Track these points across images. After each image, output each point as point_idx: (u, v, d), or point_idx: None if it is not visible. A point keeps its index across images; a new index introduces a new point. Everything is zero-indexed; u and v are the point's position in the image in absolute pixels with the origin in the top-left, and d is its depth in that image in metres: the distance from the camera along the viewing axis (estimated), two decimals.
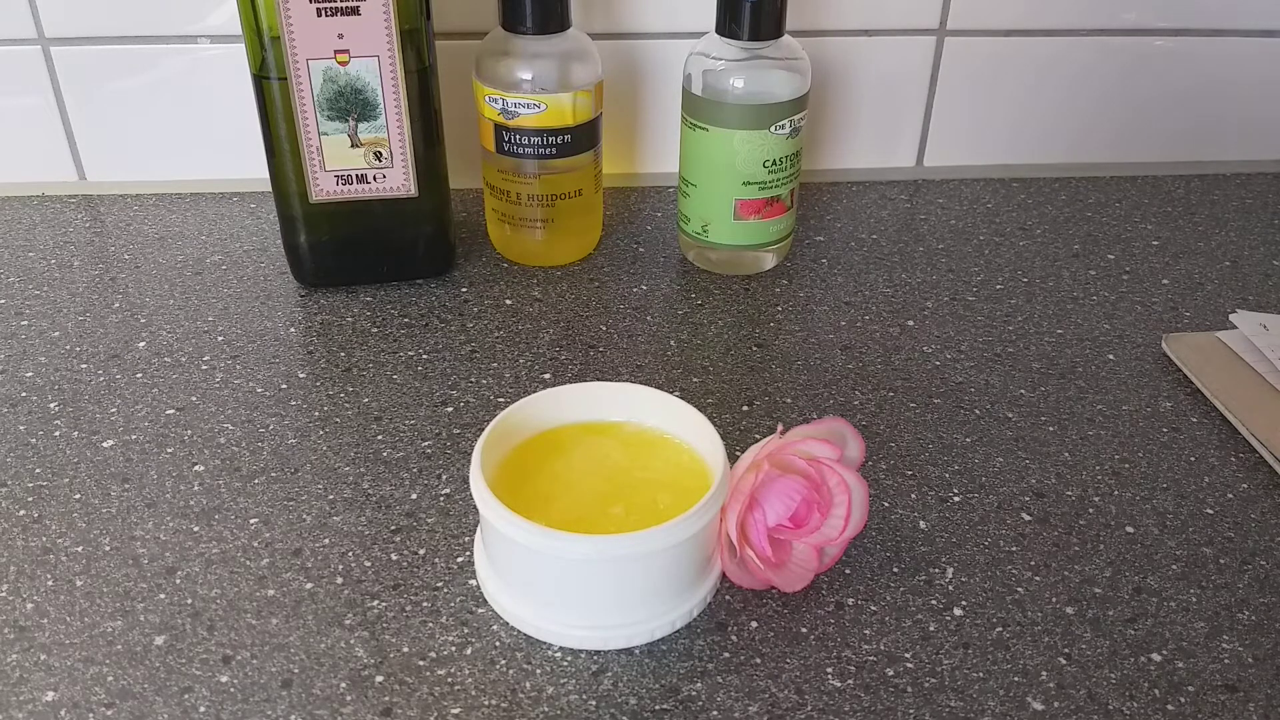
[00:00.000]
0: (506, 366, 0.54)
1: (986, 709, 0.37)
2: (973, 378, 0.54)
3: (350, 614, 0.40)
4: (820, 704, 0.37)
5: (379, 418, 0.50)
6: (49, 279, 0.61)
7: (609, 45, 0.67)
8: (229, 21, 0.65)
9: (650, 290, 0.61)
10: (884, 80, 0.71)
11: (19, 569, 0.42)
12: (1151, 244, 0.67)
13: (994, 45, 0.71)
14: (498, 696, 0.37)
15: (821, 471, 0.40)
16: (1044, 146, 0.75)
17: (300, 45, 0.52)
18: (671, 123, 0.70)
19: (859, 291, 0.61)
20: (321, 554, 0.43)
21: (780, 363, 0.55)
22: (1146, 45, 0.72)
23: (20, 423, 0.50)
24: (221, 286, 0.60)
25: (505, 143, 0.58)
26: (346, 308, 0.59)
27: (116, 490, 0.46)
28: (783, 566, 0.40)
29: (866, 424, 0.50)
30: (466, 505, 0.45)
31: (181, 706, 0.36)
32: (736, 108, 0.57)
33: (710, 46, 0.58)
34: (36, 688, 0.37)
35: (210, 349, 0.55)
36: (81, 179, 0.70)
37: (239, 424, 0.50)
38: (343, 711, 0.36)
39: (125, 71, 0.67)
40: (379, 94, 0.54)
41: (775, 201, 0.60)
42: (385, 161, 0.56)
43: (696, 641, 0.39)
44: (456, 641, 0.39)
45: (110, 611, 0.40)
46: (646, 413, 0.44)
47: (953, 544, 0.44)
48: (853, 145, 0.74)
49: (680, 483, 0.41)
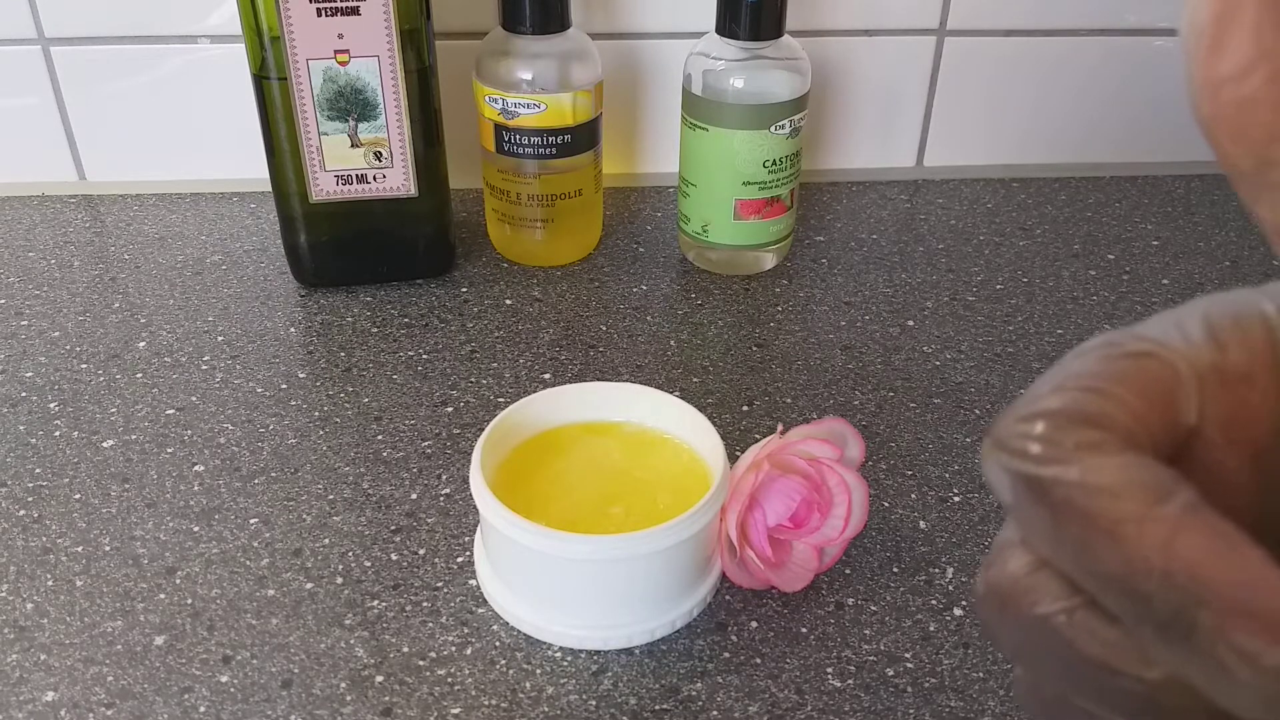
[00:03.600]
0: (506, 366, 0.54)
1: (986, 709, 0.37)
2: (973, 378, 0.54)
3: (350, 614, 0.40)
4: (820, 704, 0.37)
5: (379, 418, 0.50)
6: (49, 279, 0.61)
7: (609, 45, 0.67)
8: (229, 21, 0.65)
9: (650, 290, 0.61)
10: (884, 80, 0.71)
11: (19, 569, 0.42)
12: (1151, 244, 0.67)
13: (994, 45, 0.71)
14: (498, 696, 0.37)
15: (821, 471, 0.40)
16: (1044, 146, 0.75)
17: (300, 45, 0.52)
18: (671, 123, 0.70)
19: (859, 291, 0.61)
20: (321, 554, 0.43)
21: (780, 363, 0.55)
22: (1147, 45, 0.72)
23: (20, 423, 0.50)
24: (221, 286, 0.60)
25: (505, 143, 0.58)
26: (346, 308, 0.59)
27: (116, 490, 0.46)
28: (783, 566, 0.40)
29: (866, 424, 0.50)
30: (466, 505, 0.45)
31: (181, 706, 0.36)
32: (736, 108, 0.57)
33: (710, 46, 0.58)
34: (36, 688, 0.37)
35: (210, 349, 0.55)
36: (81, 179, 0.70)
37: (239, 424, 0.50)
38: (343, 711, 0.36)
39: (125, 71, 0.67)
40: (379, 94, 0.54)
41: (775, 201, 0.60)
42: (385, 161, 0.56)
43: (696, 641, 0.39)
44: (456, 641, 0.39)
45: (110, 611, 0.40)
46: (646, 413, 0.44)
47: (953, 544, 0.44)
48: (853, 145, 0.74)
49: (680, 483, 0.41)
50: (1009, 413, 0.16)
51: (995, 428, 0.16)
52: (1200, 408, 0.16)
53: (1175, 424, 0.16)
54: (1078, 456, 0.15)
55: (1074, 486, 0.15)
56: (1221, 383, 0.16)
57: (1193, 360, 0.16)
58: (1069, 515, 0.15)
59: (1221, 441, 0.16)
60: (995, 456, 0.16)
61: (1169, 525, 0.14)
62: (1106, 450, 0.15)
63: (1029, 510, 0.16)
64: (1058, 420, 0.16)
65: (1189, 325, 0.17)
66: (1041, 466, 0.15)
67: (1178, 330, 0.17)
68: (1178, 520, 0.14)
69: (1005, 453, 0.16)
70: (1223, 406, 0.16)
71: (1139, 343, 0.16)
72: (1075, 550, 0.15)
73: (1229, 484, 0.17)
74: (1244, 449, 0.16)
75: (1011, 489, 0.16)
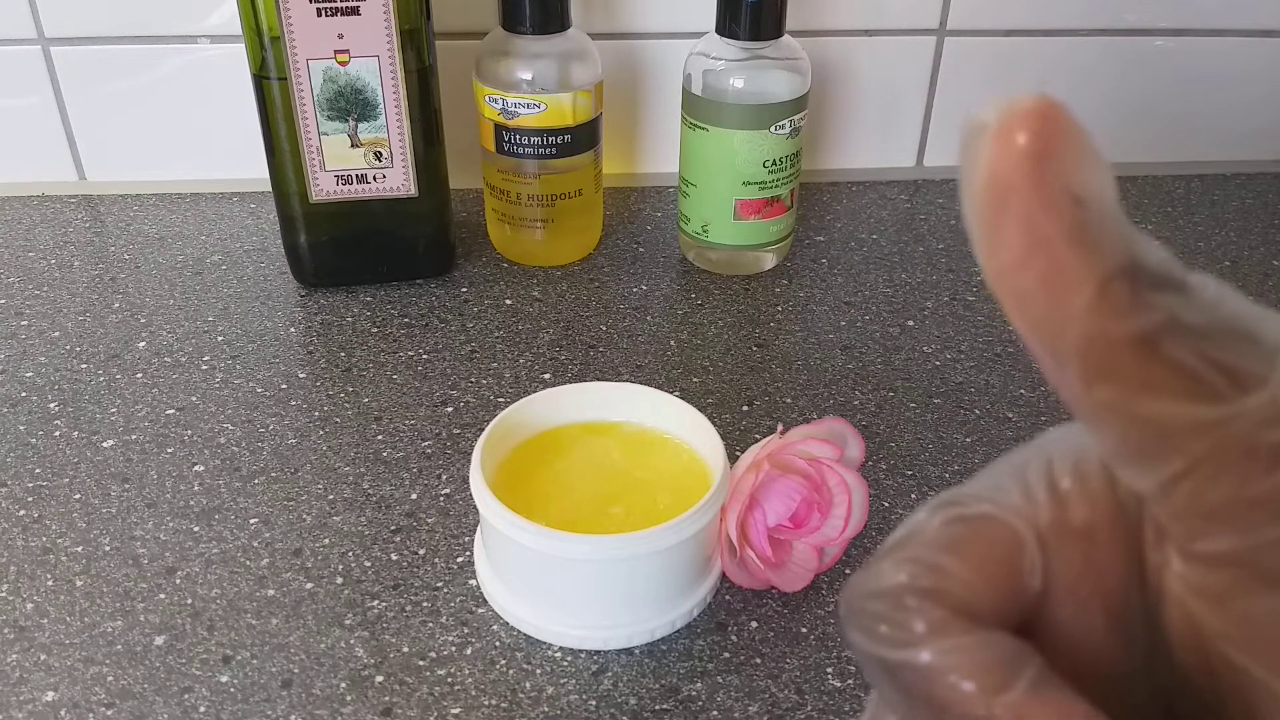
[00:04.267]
0: (506, 366, 0.54)
1: None
2: (973, 378, 0.54)
3: (350, 614, 0.40)
4: (820, 704, 0.37)
5: (379, 418, 0.50)
6: (49, 279, 0.61)
7: (609, 45, 0.67)
8: (229, 21, 0.65)
9: (650, 290, 0.61)
10: (884, 80, 0.71)
11: (19, 569, 0.42)
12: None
13: (994, 45, 0.71)
14: (498, 696, 0.37)
15: (821, 471, 0.40)
16: None
17: (300, 45, 0.52)
18: (671, 123, 0.70)
19: (859, 291, 0.61)
20: (321, 554, 0.43)
21: (780, 363, 0.55)
22: (1147, 45, 0.72)
23: (20, 423, 0.50)
24: (221, 286, 0.60)
25: (505, 143, 0.58)
26: (346, 308, 0.59)
27: (116, 490, 0.46)
28: (783, 566, 0.40)
29: (866, 424, 0.50)
30: (466, 505, 0.45)
31: (181, 706, 0.36)
32: (736, 108, 0.57)
33: (710, 46, 0.58)
34: (36, 688, 0.37)
35: (210, 349, 0.55)
36: (81, 179, 0.70)
37: (239, 424, 0.50)
38: (343, 711, 0.36)
39: (125, 71, 0.67)
40: (379, 94, 0.54)
41: (775, 201, 0.60)
42: (385, 161, 0.56)
43: (696, 641, 0.39)
44: (456, 641, 0.39)
45: (110, 611, 0.40)
46: (646, 413, 0.44)
47: None
48: (853, 145, 0.74)
49: (680, 483, 0.41)
50: (857, 581, 0.16)
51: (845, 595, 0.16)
52: (1045, 570, 0.16)
53: (1020, 590, 0.16)
54: (924, 639, 0.15)
55: (921, 671, 0.15)
56: (1064, 540, 0.16)
57: (1033, 520, 0.16)
58: (918, 699, 0.15)
59: (1070, 602, 0.16)
60: (849, 631, 0.16)
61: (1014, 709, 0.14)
62: (951, 631, 0.15)
63: (881, 686, 0.16)
64: (903, 598, 0.15)
65: (1030, 477, 0.16)
66: (891, 650, 0.15)
67: (1018, 485, 0.16)
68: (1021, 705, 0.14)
69: (858, 632, 0.16)
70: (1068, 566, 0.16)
71: (979, 504, 0.16)
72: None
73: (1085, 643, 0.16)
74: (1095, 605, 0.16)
75: (864, 664, 0.16)
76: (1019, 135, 0.14)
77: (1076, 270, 0.14)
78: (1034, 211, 0.14)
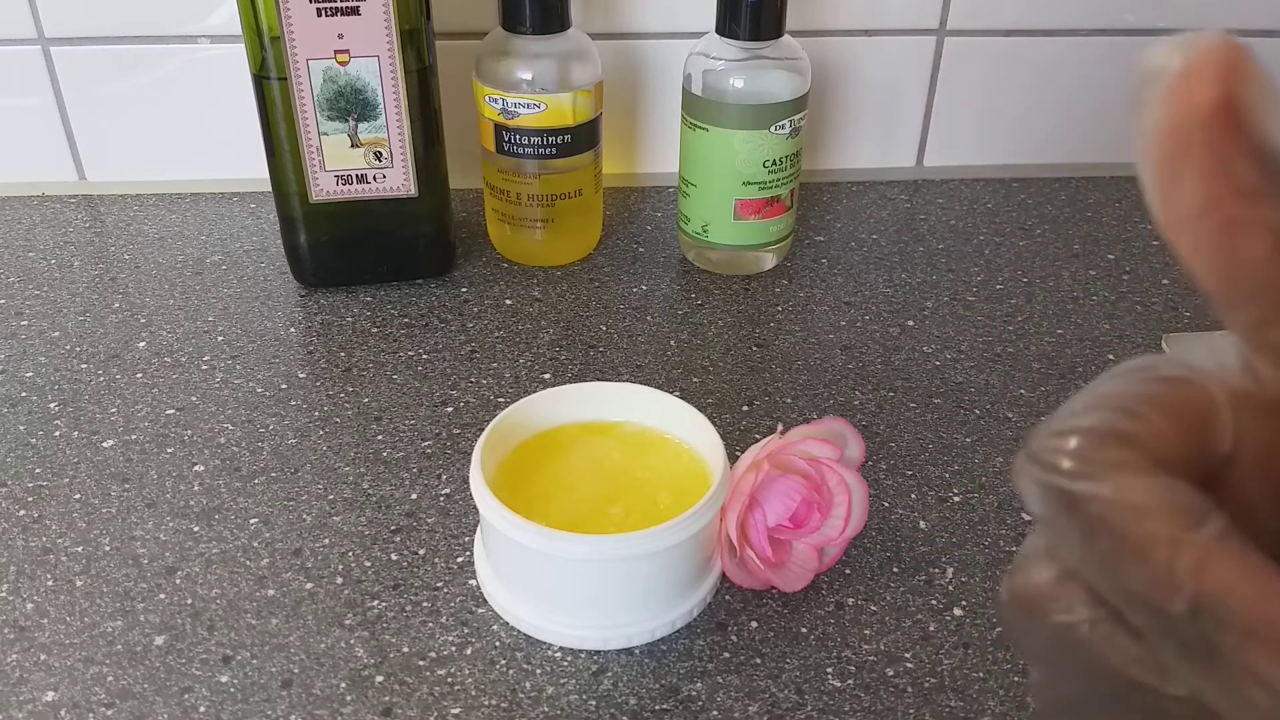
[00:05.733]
0: (506, 366, 0.54)
1: (986, 709, 0.37)
2: (973, 378, 0.54)
3: (350, 614, 0.40)
4: (820, 704, 0.37)
5: (379, 418, 0.50)
6: (49, 279, 0.61)
7: (609, 45, 0.67)
8: (229, 21, 0.65)
9: (650, 290, 0.61)
10: (884, 80, 0.71)
11: (19, 569, 0.42)
12: (1151, 244, 0.67)
13: (994, 45, 0.71)
14: (498, 696, 0.37)
15: (821, 471, 0.40)
16: (1044, 146, 0.75)
17: (300, 45, 0.52)
18: (671, 123, 0.70)
19: (859, 291, 0.61)
20: (321, 554, 0.43)
21: (780, 363, 0.55)
22: (1147, 45, 0.72)
23: (20, 423, 0.50)
24: (221, 286, 0.60)
25: (505, 143, 0.58)
26: (346, 308, 0.59)
27: (116, 490, 0.46)
28: (783, 566, 0.40)
29: (866, 424, 0.50)
30: (466, 505, 0.45)
31: (181, 706, 0.36)
32: (736, 108, 0.57)
33: (710, 46, 0.58)
34: (36, 688, 0.37)
35: (210, 349, 0.55)
36: (81, 179, 0.70)
37: (239, 424, 0.50)
38: (343, 711, 0.36)
39: (125, 71, 0.67)
40: (379, 94, 0.54)
41: (775, 201, 0.60)
42: (385, 161, 0.56)
43: (696, 641, 0.39)
44: (456, 641, 0.39)
45: (110, 611, 0.40)
46: (646, 413, 0.44)
47: (953, 544, 0.44)
48: (853, 145, 0.74)
49: (680, 483, 0.41)
50: (1042, 427, 0.16)
51: (1029, 441, 0.16)
52: (1235, 436, 0.16)
53: (1209, 450, 0.16)
54: (1110, 474, 0.15)
55: (1107, 503, 0.15)
56: (1257, 413, 0.16)
57: (1229, 388, 0.16)
58: (1100, 531, 0.15)
59: (1255, 474, 0.16)
60: (1028, 470, 0.16)
61: (1200, 550, 0.14)
62: (1139, 470, 0.15)
63: (1059, 523, 0.16)
64: (1091, 437, 0.15)
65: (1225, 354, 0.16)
66: (1074, 481, 0.15)
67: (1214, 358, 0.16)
68: (1209, 546, 0.14)
69: (1038, 466, 0.16)
70: (1258, 437, 0.16)
71: (1175, 368, 0.16)
72: (1104, 565, 0.15)
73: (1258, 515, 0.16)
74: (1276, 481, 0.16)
75: (1043, 501, 0.16)
76: (1204, 85, 0.13)
77: (1256, 222, 0.14)
78: (1216, 165, 0.13)
